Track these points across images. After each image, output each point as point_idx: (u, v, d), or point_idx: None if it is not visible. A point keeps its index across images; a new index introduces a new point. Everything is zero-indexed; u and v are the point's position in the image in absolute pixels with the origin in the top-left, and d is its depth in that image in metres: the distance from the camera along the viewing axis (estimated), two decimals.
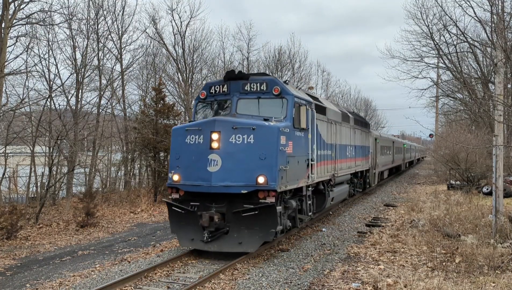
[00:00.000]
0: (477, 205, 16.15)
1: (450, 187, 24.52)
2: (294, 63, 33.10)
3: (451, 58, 27.96)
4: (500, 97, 12.62)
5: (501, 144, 12.54)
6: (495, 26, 17.07)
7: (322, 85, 42.59)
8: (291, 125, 10.41)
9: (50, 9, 18.91)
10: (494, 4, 20.07)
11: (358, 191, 20.98)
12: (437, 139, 35.60)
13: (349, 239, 12.20)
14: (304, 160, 11.28)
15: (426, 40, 27.70)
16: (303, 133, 11.20)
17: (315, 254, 10.50)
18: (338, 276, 8.59)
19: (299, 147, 10.88)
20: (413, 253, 10.25)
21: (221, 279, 8.45)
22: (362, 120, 22.88)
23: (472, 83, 27.72)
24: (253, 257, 9.91)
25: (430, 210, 16.25)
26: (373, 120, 64.07)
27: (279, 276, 8.70)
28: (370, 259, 9.89)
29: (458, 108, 35.49)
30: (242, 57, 30.18)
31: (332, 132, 14.60)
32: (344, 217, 16.17)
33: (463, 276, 8.28)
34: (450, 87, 32.58)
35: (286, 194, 10.44)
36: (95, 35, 22.62)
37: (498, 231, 11.14)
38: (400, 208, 18.47)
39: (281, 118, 10.29)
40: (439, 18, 25.95)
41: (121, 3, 30.77)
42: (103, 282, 8.38)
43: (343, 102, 49.72)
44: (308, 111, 11.37)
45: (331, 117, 14.58)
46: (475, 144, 20.47)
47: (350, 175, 17.65)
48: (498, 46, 12.83)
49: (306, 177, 11.39)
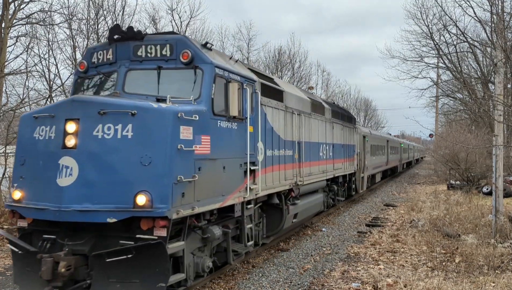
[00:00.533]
0: (477, 205, 16.15)
1: (450, 187, 24.53)
2: (294, 63, 33.11)
3: (451, 58, 28.01)
4: (500, 97, 12.63)
5: (501, 144, 12.55)
6: (495, 26, 17.09)
7: (322, 85, 42.57)
8: (207, 110, 6.81)
9: (50, 9, 18.92)
10: (494, 4, 20.12)
11: (340, 200, 17.09)
12: (437, 139, 35.60)
13: (349, 239, 12.20)
14: (237, 165, 7.71)
15: (426, 40, 27.79)
16: (237, 125, 7.64)
17: (315, 254, 10.50)
18: (338, 276, 8.59)
19: (227, 145, 7.33)
20: (413, 253, 10.26)
21: (221, 279, 8.46)
22: (345, 112, 18.39)
23: (472, 83, 27.73)
24: (253, 257, 9.91)
25: (430, 210, 16.26)
26: (373, 120, 64.14)
27: (279, 276, 8.71)
28: (370, 259, 9.89)
29: (458, 108, 35.51)
30: (242, 57, 30.21)
31: (295, 126, 10.95)
32: (344, 217, 16.17)
33: (463, 276, 8.29)
34: (450, 87, 32.64)
35: (200, 219, 6.90)
36: (95, 35, 22.61)
37: (498, 231, 11.15)
38: (400, 208, 18.47)
39: (191, 100, 6.69)
40: (439, 18, 26.03)
41: (121, 3, 30.61)
42: None
43: (343, 102, 49.66)
44: (245, 92, 7.97)
45: (293, 106, 11.00)
46: (475, 144, 20.47)
47: (327, 181, 14.20)
48: (498, 46, 12.84)
49: (241, 189, 7.86)
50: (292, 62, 32.94)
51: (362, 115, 60.18)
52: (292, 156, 10.69)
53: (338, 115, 16.23)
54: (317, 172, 12.85)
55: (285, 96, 10.45)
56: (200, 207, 6.56)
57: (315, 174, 12.58)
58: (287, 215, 10.17)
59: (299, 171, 11.11)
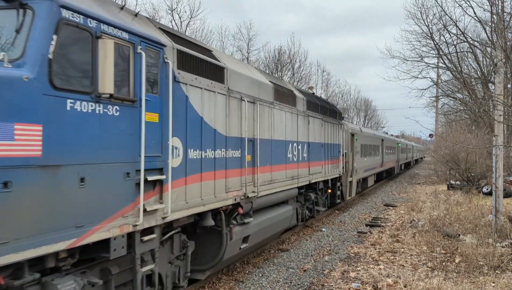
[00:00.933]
0: (477, 205, 16.16)
1: (450, 187, 24.54)
2: (294, 63, 33.20)
3: (451, 58, 28.03)
4: (500, 97, 12.64)
5: (501, 144, 12.56)
6: (495, 26, 17.08)
7: (322, 85, 42.68)
8: (37, 79, 4.06)
9: None
10: (494, 4, 20.13)
11: (320, 210, 14.37)
12: (437, 139, 35.60)
13: (349, 239, 12.20)
14: (118, 175, 4.97)
15: (426, 40, 27.83)
16: (118, 109, 4.93)
17: (315, 254, 10.50)
18: (338, 276, 8.59)
19: (91, 141, 4.59)
20: (413, 253, 10.26)
21: (221, 279, 8.45)
22: (326, 105, 15.38)
23: (472, 83, 27.75)
24: (253, 257, 9.91)
25: (430, 210, 16.26)
26: (373, 120, 64.18)
27: (279, 276, 8.71)
28: (370, 259, 9.88)
29: (458, 108, 35.51)
30: (242, 57, 30.23)
31: (246, 118, 8.24)
32: (344, 217, 16.17)
33: (463, 276, 8.28)
34: (450, 87, 32.67)
35: (23, 271, 4.03)
36: None
37: (498, 231, 11.15)
38: (400, 208, 18.48)
39: (2, 59, 3.96)
40: (439, 18, 26.04)
41: (121, 2, 30.81)
42: None
43: (343, 102, 49.73)
44: (138, 59, 5.24)
45: (243, 90, 8.29)
46: (475, 144, 20.47)
47: (299, 189, 11.59)
48: (498, 46, 12.85)
49: (128, 213, 5.09)
50: (292, 62, 33.03)
51: (362, 115, 60.28)
52: (240, 158, 8.00)
53: (317, 108, 13.40)
54: (283, 179, 10.19)
55: (227, 75, 7.63)
56: (13, 254, 3.76)
57: (280, 181, 9.92)
58: (229, 240, 7.57)
59: (252, 179, 8.47)
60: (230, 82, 7.74)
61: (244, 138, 8.19)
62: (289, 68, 33.04)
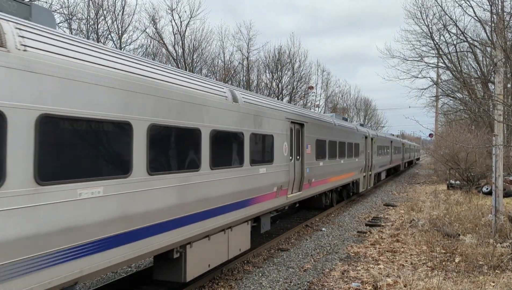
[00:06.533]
0: (476, 205, 16.16)
1: (450, 186, 24.55)
2: (294, 63, 33.19)
3: (451, 58, 28.05)
4: (500, 97, 12.63)
5: (501, 144, 12.55)
6: (495, 25, 17.07)
7: (322, 85, 42.65)
8: None
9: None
10: (494, 4, 20.12)
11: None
12: (437, 138, 35.60)
13: (349, 239, 12.21)
14: None
15: (426, 40, 27.86)
16: None
17: (314, 254, 10.50)
18: (338, 276, 8.59)
19: None
20: (413, 252, 10.26)
21: (220, 278, 8.46)
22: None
23: (472, 83, 27.77)
24: (253, 257, 9.91)
25: (430, 209, 16.27)
26: (373, 119, 64.18)
27: (279, 275, 8.71)
28: (370, 258, 9.89)
29: (458, 107, 35.54)
30: (242, 57, 30.24)
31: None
32: (344, 217, 16.17)
33: (463, 275, 8.29)
34: (450, 86, 32.71)
35: None
36: (95, 35, 22.64)
37: (498, 230, 11.15)
38: (400, 207, 18.48)
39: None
40: (439, 17, 26.09)
41: (121, 2, 30.76)
42: None
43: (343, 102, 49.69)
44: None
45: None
46: (475, 143, 20.47)
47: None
48: (498, 46, 12.84)
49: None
50: (292, 62, 33.02)
51: (362, 114, 60.25)
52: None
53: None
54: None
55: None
56: None
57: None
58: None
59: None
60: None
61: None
62: (289, 68, 33.05)
